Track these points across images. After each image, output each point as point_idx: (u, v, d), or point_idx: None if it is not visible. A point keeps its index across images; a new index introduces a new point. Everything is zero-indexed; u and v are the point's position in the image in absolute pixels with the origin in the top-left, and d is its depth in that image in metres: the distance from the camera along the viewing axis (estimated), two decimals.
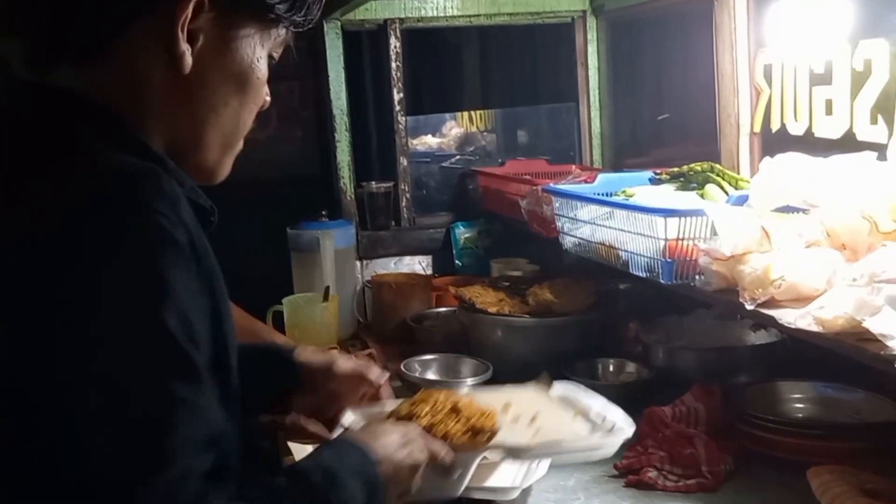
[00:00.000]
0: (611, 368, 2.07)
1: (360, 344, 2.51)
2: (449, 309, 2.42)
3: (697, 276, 1.68)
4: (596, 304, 2.16)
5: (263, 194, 3.29)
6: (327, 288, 2.43)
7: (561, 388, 1.56)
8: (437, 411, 1.32)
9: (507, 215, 2.65)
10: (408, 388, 1.95)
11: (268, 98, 1.09)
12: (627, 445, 1.65)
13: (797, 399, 1.78)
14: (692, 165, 2.10)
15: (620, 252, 1.88)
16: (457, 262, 2.87)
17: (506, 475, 1.42)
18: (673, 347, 2.01)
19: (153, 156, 0.95)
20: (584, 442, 1.39)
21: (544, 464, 1.43)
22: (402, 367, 2.07)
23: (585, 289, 2.19)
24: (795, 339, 1.56)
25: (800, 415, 1.74)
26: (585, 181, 2.28)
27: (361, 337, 2.58)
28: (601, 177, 2.21)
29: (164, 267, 0.84)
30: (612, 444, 1.39)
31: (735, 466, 1.59)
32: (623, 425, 1.40)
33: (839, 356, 1.36)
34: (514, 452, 1.36)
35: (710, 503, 1.49)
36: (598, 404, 1.47)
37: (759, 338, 1.99)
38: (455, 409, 1.33)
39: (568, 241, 2.12)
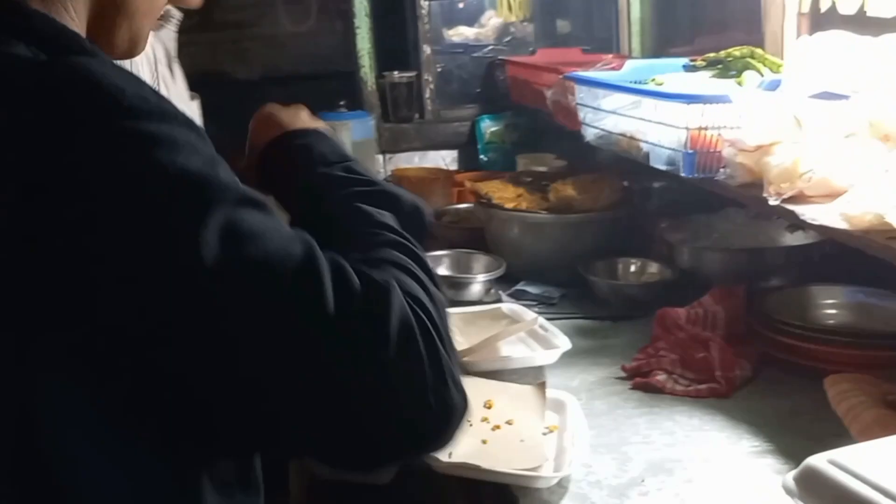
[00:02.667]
0: (632, 269, 1.96)
1: None
2: (469, 205, 2.32)
3: (721, 170, 1.55)
4: (620, 201, 2.04)
5: (302, 89, 3.17)
6: None
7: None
8: None
9: (535, 108, 2.51)
10: None
11: None
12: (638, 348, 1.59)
13: (829, 305, 1.65)
14: (730, 51, 1.93)
15: (641, 144, 1.74)
16: (482, 157, 2.75)
17: (533, 455, 1.22)
18: (699, 248, 1.88)
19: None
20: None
21: (581, 446, 1.25)
22: None
23: (610, 185, 2.06)
24: (835, 241, 1.43)
25: (830, 321, 1.62)
26: (613, 69, 2.12)
27: None
28: (629, 64, 2.06)
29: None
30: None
31: (752, 373, 1.48)
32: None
33: (881, 259, 1.23)
34: None
35: (720, 409, 1.39)
36: None
37: (794, 239, 1.85)
38: None
39: (590, 133, 1.98)
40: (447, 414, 0.75)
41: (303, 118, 1.08)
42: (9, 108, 0.70)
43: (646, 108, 1.71)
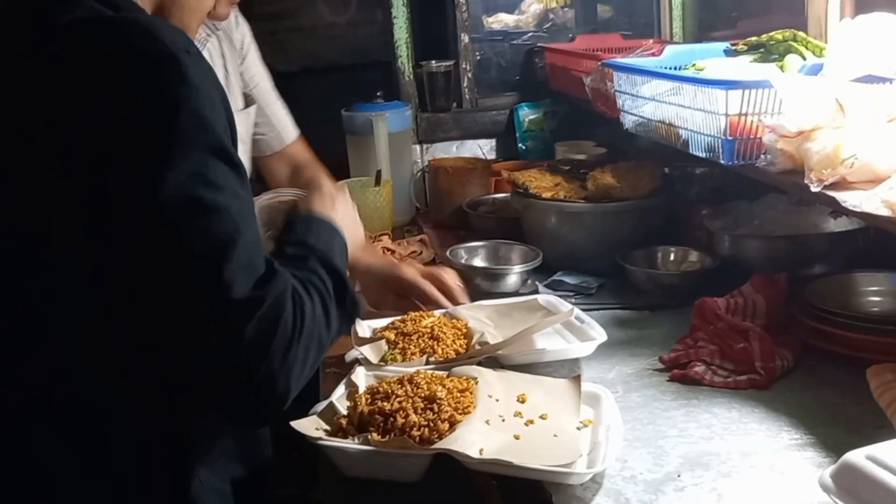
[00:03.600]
0: (671, 257, 1.93)
1: (417, 230, 2.43)
2: (506, 195, 2.30)
3: (762, 156, 1.51)
4: (660, 189, 2.00)
5: (341, 80, 3.17)
6: (378, 172, 2.34)
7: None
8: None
9: (574, 95, 2.48)
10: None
11: None
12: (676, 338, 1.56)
13: (872, 292, 1.61)
14: (772, 34, 1.89)
15: (680, 131, 1.71)
16: (520, 145, 2.72)
17: (566, 450, 1.18)
18: (739, 235, 1.85)
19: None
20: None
21: (616, 441, 1.21)
22: (448, 253, 1.97)
23: (650, 173, 2.03)
24: (878, 227, 1.39)
25: (874, 309, 1.58)
26: (653, 54, 2.08)
27: (418, 223, 2.50)
28: (669, 49, 2.02)
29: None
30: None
31: (794, 364, 1.45)
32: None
33: None
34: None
35: (759, 401, 1.36)
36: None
37: (837, 225, 1.80)
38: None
39: (629, 120, 1.95)
40: (265, 396, 0.96)
41: (334, 209, 1.28)
42: (80, 48, 0.96)
43: (685, 94, 1.68)
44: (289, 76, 3.21)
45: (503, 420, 1.24)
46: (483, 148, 2.74)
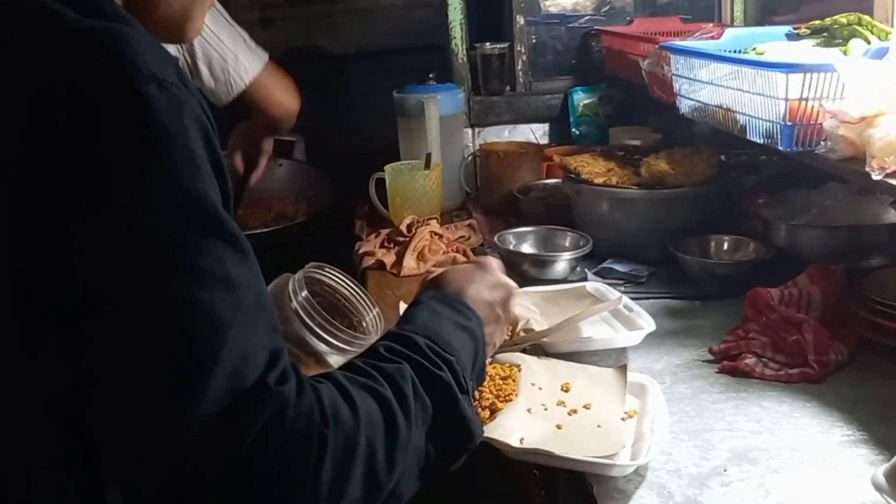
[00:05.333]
0: (725, 247, 1.88)
1: (466, 215, 2.42)
2: (558, 180, 2.27)
3: (822, 143, 1.46)
4: (715, 176, 1.96)
5: (396, 63, 3.15)
6: (428, 155, 2.32)
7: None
8: None
9: (630, 79, 2.43)
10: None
11: None
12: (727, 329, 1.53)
13: None
14: (836, 18, 1.82)
15: (738, 116, 1.66)
16: (573, 130, 2.68)
17: (609, 441, 1.15)
18: (796, 225, 1.79)
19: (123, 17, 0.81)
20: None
21: (661, 433, 1.19)
22: (495, 239, 1.95)
23: (706, 160, 1.98)
24: None
25: None
26: (713, 38, 2.03)
27: (468, 208, 2.48)
28: (730, 32, 1.96)
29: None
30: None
31: (848, 358, 1.41)
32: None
33: None
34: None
35: (811, 395, 1.32)
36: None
37: None
38: None
39: (685, 105, 1.91)
40: None
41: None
42: (35, 60, 0.73)
43: (744, 77, 1.63)
44: (344, 59, 3.21)
45: (546, 409, 1.22)
46: (536, 132, 2.70)
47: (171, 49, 1.73)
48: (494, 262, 1.18)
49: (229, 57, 2.04)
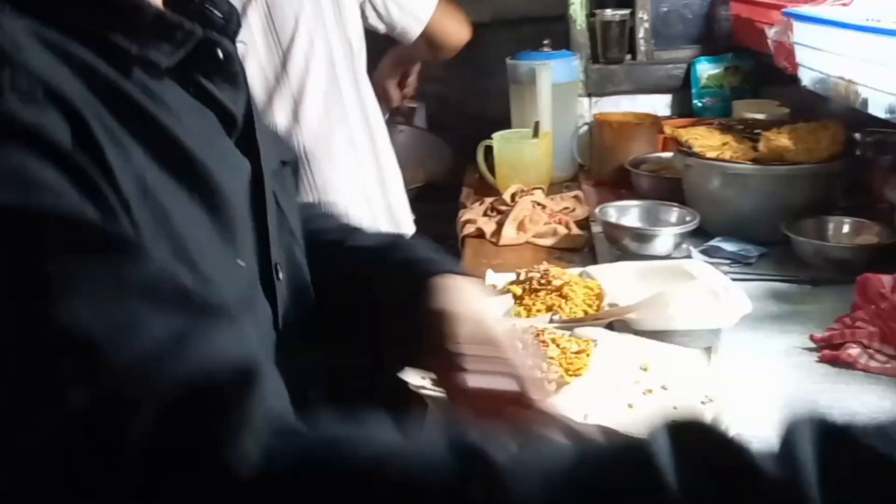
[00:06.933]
0: (844, 229, 1.75)
1: (577, 186, 2.35)
2: (671, 154, 2.17)
3: None
4: (840, 154, 1.82)
5: (530, 31, 3.06)
6: (537, 123, 2.27)
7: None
8: None
9: (758, 50, 2.29)
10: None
11: None
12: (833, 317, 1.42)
13: None
14: None
15: (859, 88, 1.54)
16: (695, 102, 2.56)
17: None
18: None
19: None
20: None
21: (743, 420, 1.10)
22: (597, 211, 1.89)
23: (832, 135, 1.85)
24: None
25: None
26: (844, 5, 1.88)
27: (579, 179, 2.41)
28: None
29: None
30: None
31: None
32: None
33: None
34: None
35: None
36: None
37: None
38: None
39: (807, 77, 1.78)
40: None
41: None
42: None
43: (871, 47, 1.51)
44: (480, 27, 3.17)
45: (618, 386, 1.17)
46: (656, 104, 2.60)
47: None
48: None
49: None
